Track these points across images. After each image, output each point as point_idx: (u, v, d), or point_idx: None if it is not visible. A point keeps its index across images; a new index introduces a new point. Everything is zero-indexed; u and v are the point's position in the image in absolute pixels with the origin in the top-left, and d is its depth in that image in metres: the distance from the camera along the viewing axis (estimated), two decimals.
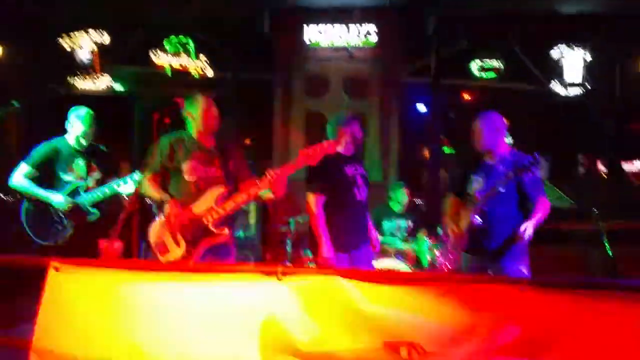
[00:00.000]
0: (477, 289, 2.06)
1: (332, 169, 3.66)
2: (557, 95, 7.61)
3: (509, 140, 8.77)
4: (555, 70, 7.62)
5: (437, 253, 5.24)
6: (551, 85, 7.62)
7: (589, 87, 7.49)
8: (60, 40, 7.25)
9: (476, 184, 3.58)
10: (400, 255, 5.22)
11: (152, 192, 3.28)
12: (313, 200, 3.63)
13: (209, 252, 3.25)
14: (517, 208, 3.52)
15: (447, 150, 9.08)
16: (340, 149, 3.75)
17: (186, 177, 3.31)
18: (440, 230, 5.58)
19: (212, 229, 3.21)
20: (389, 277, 2.20)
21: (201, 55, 7.54)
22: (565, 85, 7.52)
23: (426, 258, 5.34)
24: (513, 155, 3.59)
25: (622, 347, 1.96)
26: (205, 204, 3.24)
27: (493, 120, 3.60)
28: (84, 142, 3.99)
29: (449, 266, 4.74)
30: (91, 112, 4.03)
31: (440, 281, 2.14)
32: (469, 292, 2.07)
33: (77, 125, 3.94)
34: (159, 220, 3.29)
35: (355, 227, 3.73)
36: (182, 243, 3.19)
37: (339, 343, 2.06)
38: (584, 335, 1.95)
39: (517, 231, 3.41)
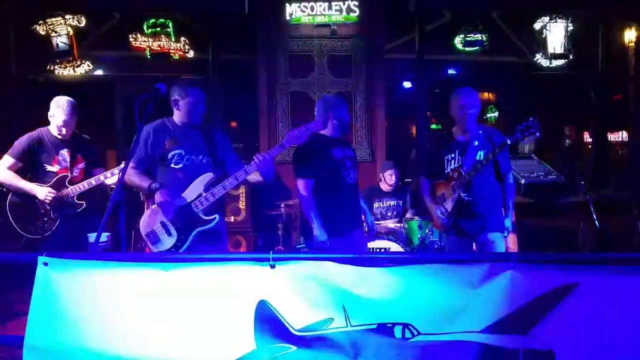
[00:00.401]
0: (468, 267, 2.08)
1: (319, 152, 3.63)
2: (541, 67, 7.63)
3: (494, 114, 8.85)
4: (539, 42, 7.63)
5: (427, 231, 5.29)
6: (535, 58, 7.63)
7: (572, 58, 7.52)
8: (37, 27, 7.06)
9: (453, 162, 3.62)
10: (391, 235, 5.24)
11: (139, 182, 3.24)
12: (302, 184, 3.60)
13: (201, 239, 3.24)
14: (494, 178, 3.63)
15: (434, 126, 9.10)
16: (327, 132, 3.72)
17: (172, 165, 3.28)
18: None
19: (202, 216, 3.20)
20: (381, 260, 2.21)
21: (181, 37, 7.41)
22: (549, 57, 7.53)
23: (417, 237, 5.38)
24: (484, 131, 3.65)
25: (612, 320, 2.00)
26: (194, 191, 3.22)
27: (473, 95, 3.65)
28: (66, 131, 3.91)
29: (439, 244, 4.78)
30: (72, 100, 3.95)
31: (431, 261, 2.15)
32: (461, 270, 2.08)
33: (58, 114, 3.86)
34: (149, 210, 3.27)
35: (347, 211, 3.70)
36: (173, 232, 3.17)
37: (333, 326, 2.08)
38: (574, 309, 1.98)
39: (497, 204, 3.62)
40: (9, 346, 2.91)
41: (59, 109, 3.85)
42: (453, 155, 3.64)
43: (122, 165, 3.81)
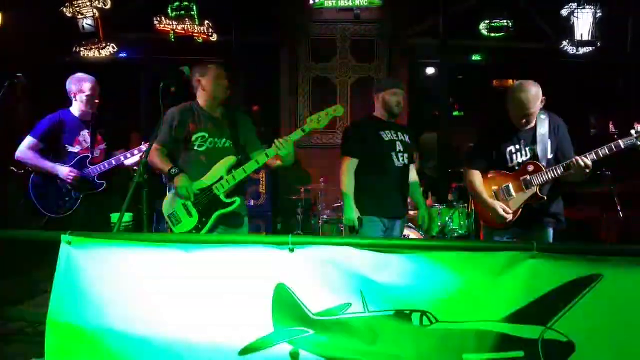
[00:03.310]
0: (488, 255, 2.06)
1: (368, 133, 3.67)
2: (567, 54, 7.46)
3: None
4: (565, 28, 7.45)
5: (447, 219, 5.26)
6: (562, 45, 7.45)
7: (600, 46, 7.32)
8: (64, 8, 7.14)
9: (519, 155, 3.25)
10: (410, 222, 5.22)
11: (162, 164, 3.28)
12: (344, 162, 3.67)
13: (222, 222, 3.27)
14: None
15: (456, 113, 8.98)
16: (378, 113, 3.75)
17: (196, 147, 3.31)
18: (450, 197, 5.57)
19: (223, 199, 3.23)
20: (400, 246, 2.20)
21: (205, 21, 7.43)
22: (576, 44, 7.35)
23: (437, 225, 5.34)
24: (547, 116, 3.27)
25: (636, 314, 1.96)
26: (216, 174, 3.25)
27: (535, 94, 3.15)
28: (89, 107, 3.94)
29: (459, 232, 4.73)
30: (90, 77, 3.98)
31: (451, 248, 2.13)
32: (481, 258, 2.06)
33: (83, 89, 3.91)
34: (172, 192, 3.31)
35: (392, 195, 3.70)
36: (195, 214, 3.21)
37: (350, 312, 2.08)
38: (597, 301, 1.95)
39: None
40: (33, 322, 2.99)
41: (81, 85, 3.90)
42: (518, 147, 3.25)
43: (142, 146, 3.87)
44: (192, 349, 2.14)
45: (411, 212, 5.43)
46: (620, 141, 2.96)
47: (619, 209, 4.03)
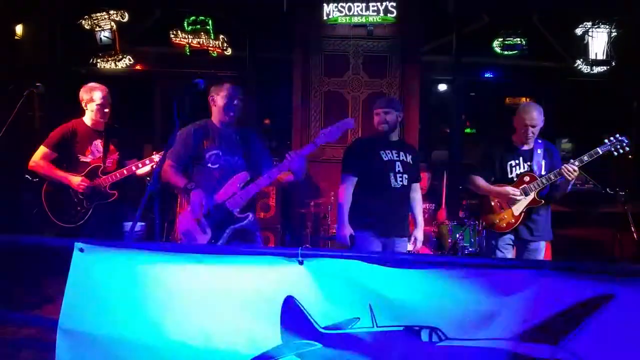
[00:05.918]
0: (499, 273, 2.04)
1: (368, 150, 3.67)
2: (581, 73, 7.43)
3: None
4: (580, 47, 7.44)
5: (458, 236, 5.23)
6: (576, 64, 7.43)
7: (614, 65, 7.30)
8: (82, 21, 7.29)
9: (518, 168, 3.79)
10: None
11: (176, 180, 3.29)
12: (343, 178, 3.70)
13: (234, 237, 3.28)
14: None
15: (468, 130, 8.96)
16: (381, 129, 3.76)
17: (209, 164, 3.33)
18: (461, 214, 5.54)
19: (236, 214, 3.24)
20: (410, 261, 2.19)
21: (220, 35, 7.53)
22: (590, 63, 7.33)
23: (448, 241, 5.31)
24: (542, 141, 3.84)
25: None
26: (229, 190, 3.27)
27: (539, 113, 3.72)
28: (101, 115, 3.98)
29: (470, 249, 4.72)
30: (101, 86, 4.02)
31: (462, 265, 2.12)
32: (492, 276, 2.05)
33: (93, 98, 3.94)
34: (186, 210, 3.32)
35: (387, 215, 3.69)
36: (208, 230, 3.22)
37: (359, 326, 2.07)
38: (608, 322, 1.93)
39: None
40: (45, 329, 3.00)
41: (92, 94, 3.94)
42: (517, 161, 3.80)
43: (154, 156, 3.90)
44: (200, 358, 2.14)
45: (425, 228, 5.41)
46: (598, 148, 3.61)
47: (632, 228, 4.00)
